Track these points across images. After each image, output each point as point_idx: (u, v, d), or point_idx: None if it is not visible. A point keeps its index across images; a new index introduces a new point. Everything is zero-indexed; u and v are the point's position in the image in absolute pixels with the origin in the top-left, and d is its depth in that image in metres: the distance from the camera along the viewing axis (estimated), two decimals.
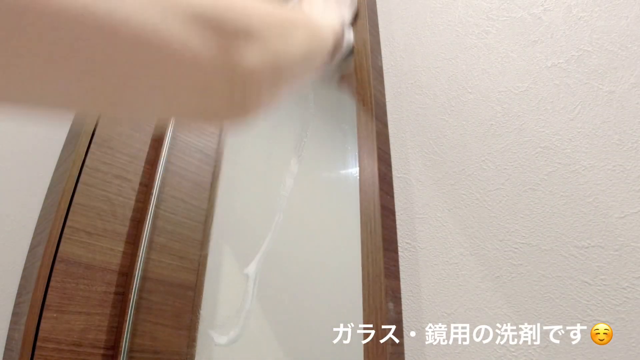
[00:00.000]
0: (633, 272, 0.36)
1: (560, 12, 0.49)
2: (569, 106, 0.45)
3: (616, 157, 0.40)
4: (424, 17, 0.66)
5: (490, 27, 0.56)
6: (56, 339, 0.75)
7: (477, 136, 0.51)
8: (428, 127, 0.57)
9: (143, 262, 0.90)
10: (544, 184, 0.44)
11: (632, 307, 0.35)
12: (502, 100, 0.51)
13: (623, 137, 0.40)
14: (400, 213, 0.55)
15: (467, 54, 0.57)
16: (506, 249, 0.44)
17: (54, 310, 0.76)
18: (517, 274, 0.42)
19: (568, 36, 0.47)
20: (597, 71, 0.44)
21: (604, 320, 0.36)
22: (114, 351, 0.81)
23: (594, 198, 0.40)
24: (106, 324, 0.82)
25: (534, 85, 0.48)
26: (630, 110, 0.40)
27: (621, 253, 0.37)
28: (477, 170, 0.50)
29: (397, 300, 0.49)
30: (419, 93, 0.61)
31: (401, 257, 0.52)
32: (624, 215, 0.38)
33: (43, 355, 0.72)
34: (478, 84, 0.54)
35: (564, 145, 0.44)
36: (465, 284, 0.46)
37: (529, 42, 0.51)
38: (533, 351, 0.39)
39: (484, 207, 0.48)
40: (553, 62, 0.48)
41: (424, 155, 0.56)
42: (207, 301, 0.96)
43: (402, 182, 0.57)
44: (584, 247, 0.39)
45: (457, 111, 0.55)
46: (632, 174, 0.38)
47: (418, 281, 0.50)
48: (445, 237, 0.50)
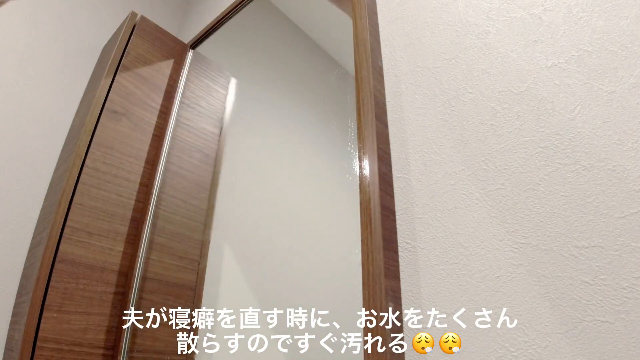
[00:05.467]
0: (633, 272, 0.36)
1: (560, 12, 0.49)
2: (569, 106, 0.45)
3: (616, 157, 0.40)
4: (424, 17, 0.66)
5: (490, 27, 0.56)
6: (56, 339, 0.75)
7: (477, 136, 0.51)
8: (428, 127, 0.57)
9: (143, 262, 0.90)
10: (544, 184, 0.44)
11: (632, 307, 0.35)
12: (502, 100, 0.51)
13: (623, 137, 0.40)
14: (400, 213, 0.55)
15: (467, 54, 0.57)
16: (506, 249, 0.44)
17: (54, 310, 0.76)
18: (517, 274, 0.42)
19: (568, 36, 0.47)
20: (597, 71, 0.44)
21: (604, 319, 0.36)
22: (114, 351, 0.81)
23: (594, 198, 0.40)
24: (106, 324, 0.82)
25: (534, 85, 0.48)
26: (630, 110, 0.40)
27: (621, 253, 0.37)
28: (477, 170, 0.50)
29: (397, 300, 0.49)
30: (419, 93, 0.61)
31: (401, 257, 0.52)
32: (624, 215, 0.38)
33: (43, 355, 0.72)
34: (478, 84, 0.54)
35: (564, 145, 0.44)
36: (465, 284, 0.46)
37: (529, 42, 0.51)
38: (533, 351, 0.39)
39: (484, 207, 0.48)
40: (553, 62, 0.48)
41: (424, 155, 0.56)
42: (207, 301, 0.96)
43: (402, 182, 0.57)
44: (584, 247, 0.39)
45: (457, 111, 0.55)
46: (632, 174, 0.38)
47: (418, 281, 0.50)
48: (445, 237, 0.50)
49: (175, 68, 1.17)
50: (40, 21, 1.18)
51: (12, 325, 0.85)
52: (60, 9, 1.24)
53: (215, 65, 1.25)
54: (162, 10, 1.51)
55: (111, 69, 1.02)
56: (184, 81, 1.15)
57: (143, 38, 1.12)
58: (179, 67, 1.18)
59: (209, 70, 1.23)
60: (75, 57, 1.22)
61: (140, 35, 1.12)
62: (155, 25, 1.17)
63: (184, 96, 1.13)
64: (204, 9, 1.40)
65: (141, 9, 1.20)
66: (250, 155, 1.17)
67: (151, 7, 1.46)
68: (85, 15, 1.29)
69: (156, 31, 1.17)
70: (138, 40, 1.10)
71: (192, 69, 1.19)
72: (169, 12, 1.53)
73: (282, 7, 1.25)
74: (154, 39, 1.15)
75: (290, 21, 1.25)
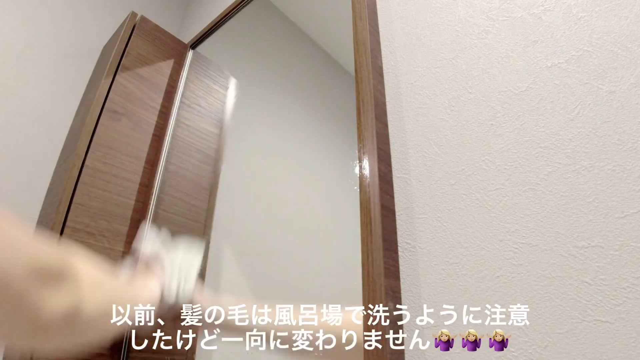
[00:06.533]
0: (633, 272, 0.36)
1: (560, 12, 0.49)
2: (569, 106, 0.45)
3: (616, 157, 0.40)
4: (424, 16, 0.66)
5: (490, 27, 0.56)
6: None
7: (477, 136, 0.51)
8: (428, 127, 0.57)
9: None
10: (544, 184, 0.44)
11: (632, 307, 0.35)
12: (502, 100, 0.51)
13: (623, 137, 0.40)
14: (400, 213, 0.55)
15: (467, 54, 0.57)
16: (506, 249, 0.44)
17: None
18: (517, 274, 0.42)
19: (568, 36, 0.47)
20: (597, 71, 0.44)
21: (604, 319, 0.36)
22: (114, 351, 0.81)
23: (594, 198, 0.40)
24: None
25: (534, 85, 0.48)
26: (630, 110, 0.40)
27: (621, 253, 0.37)
28: (477, 170, 0.50)
29: (397, 300, 0.49)
30: (419, 93, 0.61)
31: (401, 257, 0.52)
32: (624, 215, 0.38)
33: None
34: (478, 84, 0.54)
35: (564, 145, 0.44)
36: (465, 284, 0.46)
37: (529, 42, 0.51)
38: (533, 351, 0.39)
39: (484, 207, 0.48)
40: (553, 62, 0.48)
41: (424, 155, 0.56)
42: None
43: (402, 182, 0.57)
44: (584, 247, 0.39)
45: (457, 111, 0.55)
46: (632, 174, 0.38)
47: (418, 281, 0.50)
48: (445, 237, 0.50)
49: (175, 68, 1.17)
50: (40, 21, 1.18)
51: None
52: (60, 8, 1.24)
53: (215, 65, 1.25)
54: (162, 10, 1.51)
55: (111, 69, 1.02)
56: (184, 81, 1.15)
57: (143, 38, 1.12)
58: (179, 67, 1.18)
59: (209, 70, 1.23)
60: (75, 57, 1.22)
61: (140, 35, 1.12)
62: (155, 26, 1.17)
63: (184, 96, 1.13)
64: (204, 9, 1.40)
65: (141, 9, 1.20)
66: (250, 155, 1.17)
67: (151, 7, 1.46)
68: (85, 15, 1.29)
69: (156, 31, 1.17)
70: (138, 41, 1.10)
71: (192, 69, 1.19)
72: (169, 12, 1.53)
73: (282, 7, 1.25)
74: (154, 39, 1.15)
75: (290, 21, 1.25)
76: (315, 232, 0.98)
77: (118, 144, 0.96)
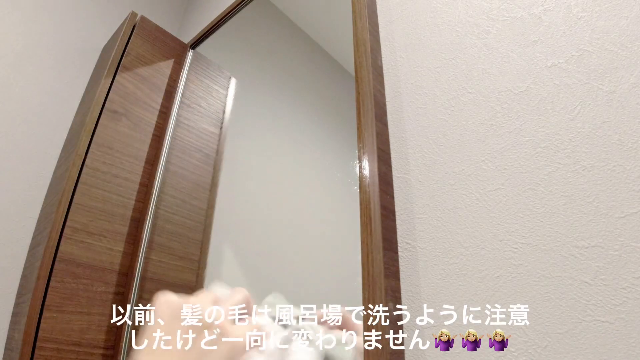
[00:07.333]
0: (633, 272, 0.36)
1: (560, 12, 0.49)
2: (569, 106, 0.45)
3: (616, 157, 0.40)
4: (424, 16, 0.66)
5: (490, 27, 0.56)
6: (56, 339, 0.75)
7: (477, 136, 0.51)
8: (428, 127, 0.57)
9: (143, 262, 0.90)
10: (544, 184, 0.44)
11: (632, 307, 0.35)
12: (502, 100, 0.51)
13: (623, 137, 0.40)
14: (400, 213, 0.55)
15: (467, 54, 0.57)
16: (506, 249, 0.44)
17: (54, 310, 0.76)
18: (517, 274, 0.42)
19: (568, 36, 0.47)
20: (597, 71, 0.44)
21: (604, 319, 0.36)
22: (114, 351, 0.81)
23: (594, 198, 0.40)
24: (106, 324, 0.82)
25: (533, 85, 0.48)
26: (630, 110, 0.40)
27: (621, 253, 0.37)
28: (477, 170, 0.50)
29: (397, 300, 0.49)
30: (419, 93, 0.61)
31: (401, 257, 0.52)
32: (624, 215, 0.38)
33: (43, 355, 0.72)
34: (478, 84, 0.54)
35: (564, 145, 0.44)
36: (465, 284, 0.46)
37: (529, 42, 0.51)
38: (533, 351, 0.39)
39: (484, 207, 0.48)
40: (553, 62, 0.48)
41: (424, 155, 0.56)
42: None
43: (402, 182, 0.57)
44: (584, 247, 0.39)
45: (457, 111, 0.55)
46: (632, 174, 0.38)
47: (418, 281, 0.50)
48: (445, 237, 0.50)
49: (175, 68, 1.17)
50: (40, 21, 1.18)
51: (12, 325, 0.85)
52: (60, 8, 1.24)
53: (215, 65, 1.25)
54: (162, 10, 1.51)
55: (111, 69, 1.02)
56: (184, 81, 1.15)
57: (143, 38, 1.12)
58: (179, 67, 1.18)
59: (209, 70, 1.23)
60: (75, 57, 1.22)
61: (140, 35, 1.12)
62: (155, 25, 1.17)
63: (184, 96, 1.13)
64: (204, 9, 1.40)
65: (141, 9, 1.20)
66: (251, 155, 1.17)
67: (151, 7, 1.46)
68: (85, 15, 1.29)
69: (156, 31, 1.17)
70: (138, 40, 1.10)
71: (192, 69, 1.19)
72: (169, 12, 1.53)
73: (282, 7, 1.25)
74: (154, 39, 1.15)
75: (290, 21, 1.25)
76: (315, 232, 0.98)
77: (118, 143, 0.96)
